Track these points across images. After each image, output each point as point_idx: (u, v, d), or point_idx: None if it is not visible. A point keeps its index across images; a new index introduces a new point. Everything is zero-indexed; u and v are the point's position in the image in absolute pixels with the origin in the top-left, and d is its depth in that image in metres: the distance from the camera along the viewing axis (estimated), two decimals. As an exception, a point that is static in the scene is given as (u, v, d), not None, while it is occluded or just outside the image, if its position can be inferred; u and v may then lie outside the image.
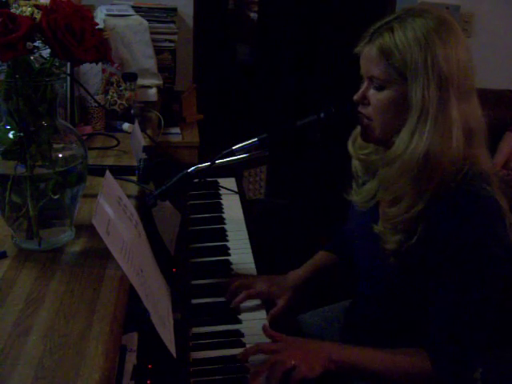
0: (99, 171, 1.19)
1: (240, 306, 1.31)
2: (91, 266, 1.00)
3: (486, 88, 2.83)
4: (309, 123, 1.19)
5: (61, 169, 1.02)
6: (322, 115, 1.18)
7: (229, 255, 1.50)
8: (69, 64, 1.37)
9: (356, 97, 1.15)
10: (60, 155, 1.04)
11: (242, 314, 1.29)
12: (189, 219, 1.66)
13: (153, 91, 2.26)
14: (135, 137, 1.46)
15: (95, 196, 0.90)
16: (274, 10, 4.10)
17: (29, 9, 0.94)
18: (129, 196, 1.11)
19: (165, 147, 2.38)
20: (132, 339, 0.96)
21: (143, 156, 1.40)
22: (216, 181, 1.87)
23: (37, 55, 0.98)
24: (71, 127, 1.08)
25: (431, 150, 1.05)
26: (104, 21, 2.17)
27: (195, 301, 1.32)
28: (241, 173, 3.06)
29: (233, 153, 1.22)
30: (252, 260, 1.49)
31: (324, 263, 1.45)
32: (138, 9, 2.47)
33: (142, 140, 1.55)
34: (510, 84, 3.02)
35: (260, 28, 4.32)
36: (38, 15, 0.93)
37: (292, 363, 1.07)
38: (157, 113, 2.22)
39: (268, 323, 1.26)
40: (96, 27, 0.99)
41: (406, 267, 1.14)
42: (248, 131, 1.39)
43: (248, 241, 1.57)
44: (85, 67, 1.83)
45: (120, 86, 1.92)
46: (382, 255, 1.16)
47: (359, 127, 1.20)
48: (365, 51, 1.12)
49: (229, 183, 1.87)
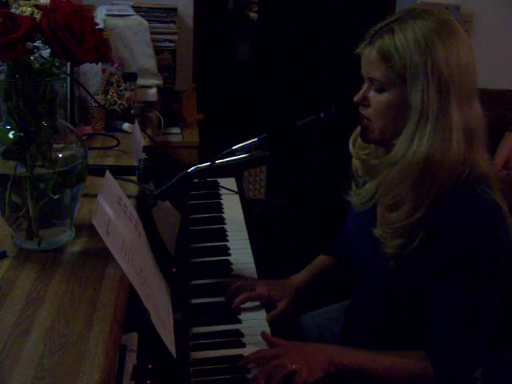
0: (99, 171, 1.19)
1: (240, 306, 1.31)
2: (91, 266, 1.00)
3: (486, 88, 2.83)
4: (309, 123, 1.19)
5: (61, 169, 1.02)
6: (322, 115, 1.18)
7: (229, 255, 1.50)
8: (69, 64, 1.37)
9: (356, 98, 1.15)
10: (60, 155, 1.04)
11: (242, 314, 1.29)
12: (189, 219, 1.66)
13: (153, 91, 2.26)
14: (135, 137, 1.46)
15: (95, 196, 0.90)
16: (274, 10, 4.09)
17: (29, 9, 0.94)
18: (129, 196, 1.11)
19: (165, 147, 2.38)
20: (132, 339, 0.96)
21: (143, 156, 1.40)
22: (216, 181, 1.87)
23: (37, 55, 0.98)
24: (71, 127, 1.08)
25: (431, 154, 1.04)
26: (104, 21, 2.17)
27: (195, 301, 1.32)
28: (241, 173, 3.06)
29: (233, 153, 1.22)
30: (252, 260, 1.49)
31: (324, 267, 1.46)
32: (138, 9, 2.47)
33: (142, 140, 1.55)
34: (510, 84, 3.02)
35: (260, 28, 4.32)
36: (38, 15, 0.93)
37: (292, 368, 1.07)
38: (157, 113, 2.22)
39: (268, 323, 1.26)
40: (96, 27, 0.99)
41: (406, 270, 1.13)
42: (248, 131, 1.39)
43: (248, 241, 1.57)
44: (85, 67, 1.83)
45: (120, 86, 1.93)
46: (381, 258, 1.15)
47: (359, 128, 1.20)
48: (365, 53, 1.11)
49: (229, 183, 1.87)
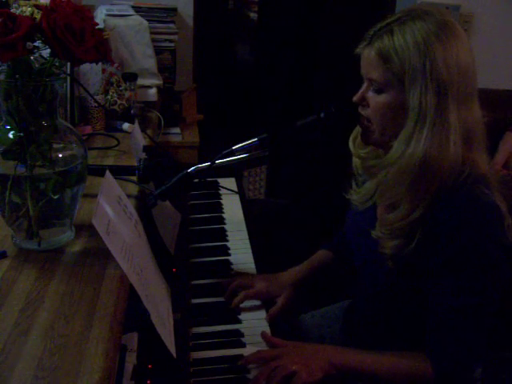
0: (99, 171, 1.19)
1: (240, 306, 1.31)
2: (91, 266, 1.00)
3: (486, 88, 2.83)
4: (309, 123, 1.19)
5: (61, 169, 1.02)
6: (322, 115, 1.18)
7: (229, 255, 1.50)
8: (69, 64, 1.37)
9: (355, 98, 1.15)
10: (60, 155, 1.04)
11: (242, 314, 1.28)
12: (189, 219, 1.66)
13: (153, 91, 2.26)
14: (135, 137, 1.46)
15: (95, 196, 0.90)
16: (274, 10, 4.09)
17: (29, 9, 0.94)
18: (129, 196, 1.11)
19: (165, 147, 2.38)
20: (132, 339, 0.96)
21: (143, 156, 1.40)
22: (216, 181, 1.87)
23: (37, 55, 0.98)
24: (71, 127, 1.08)
25: (428, 156, 1.04)
26: (104, 21, 2.18)
27: (195, 301, 1.32)
28: (241, 173, 3.06)
29: (233, 153, 1.22)
30: (252, 260, 1.49)
31: (322, 261, 1.45)
32: (138, 9, 2.47)
33: (142, 140, 1.55)
34: (510, 84, 3.02)
35: (260, 28, 4.32)
36: (38, 15, 0.93)
37: (292, 368, 1.07)
38: (157, 113, 2.22)
39: (267, 323, 1.26)
40: (96, 27, 0.99)
41: (404, 270, 1.13)
42: (248, 131, 1.39)
43: (248, 241, 1.57)
44: (85, 67, 1.83)
45: (120, 86, 1.93)
46: (380, 258, 1.15)
47: (359, 128, 1.20)
48: (364, 53, 1.11)
49: (229, 183, 1.87)
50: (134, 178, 1.35)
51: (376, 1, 3.24)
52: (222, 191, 1.84)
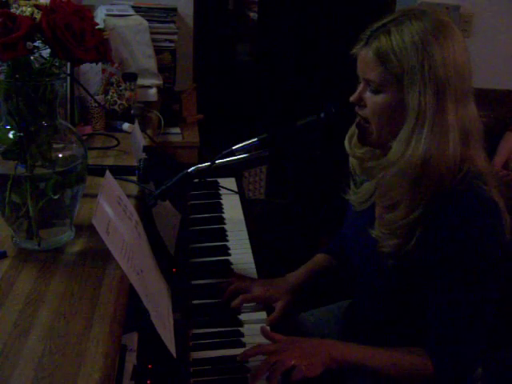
0: (99, 171, 1.19)
1: (239, 307, 1.31)
2: (91, 266, 1.00)
3: (486, 88, 2.83)
4: (309, 123, 1.19)
5: (61, 169, 1.02)
6: (322, 115, 1.18)
7: (229, 255, 1.50)
8: (69, 64, 1.37)
9: (352, 98, 1.15)
10: (60, 155, 1.04)
11: (242, 315, 1.28)
12: (189, 219, 1.66)
13: (153, 91, 2.26)
14: (135, 137, 1.46)
15: (95, 196, 0.90)
16: (274, 10, 4.09)
17: (29, 9, 0.94)
18: (129, 196, 1.11)
19: (165, 147, 2.38)
20: (132, 339, 0.96)
21: (143, 156, 1.40)
22: (216, 181, 1.87)
23: (37, 55, 0.98)
24: (71, 127, 1.08)
25: (429, 156, 1.04)
26: (104, 21, 2.18)
27: (195, 301, 1.32)
28: (241, 173, 3.06)
29: (233, 153, 1.22)
30: (252, 260, 1.49)
31: (321, 266, 1.44)
32: (138, 9, 2.47)
33: (142, 140, 1.55)
34: (510, 84, 3.02)
35: (260, 28, 4.32)
36: (38, 15, 0.93)
37: (292, 363, 1.06)
38: (157, 113, 2.22)
39: (268, 327, 1.26)
40: (96, 27, 0.99)
41: (404, 269, 1.13)
42: (248, 131, 1.39)
43: (248, 241, 1.57)
44: (85, 67, 1.83)
45: (120, 86, 1.93)
46: (379, 258, 1.15)
47: (354, 126, 1.20)
48: (361, 54, 1.11)
49: (229, 183, 1.87)
50: (134, 178, 1.35)
51: (376, 1, 3.24)
52: (222, 191, 1.83)
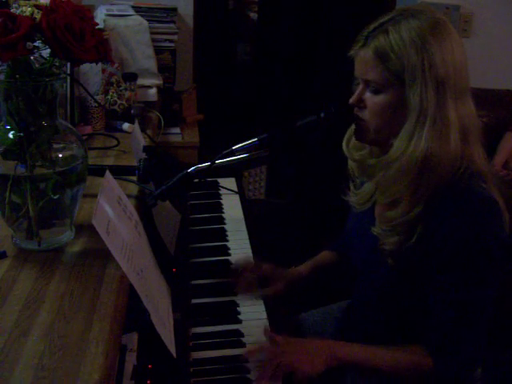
0: (99, 171, 1.19)
1: (240, 306, 1.31)
2: (91, 266, 1.00)
3: (486, 88, 2.83)
4: (309, 123, 1.19)
5: (61, 169, 1.02)
6: (322, 115, 1.18)
7: (229, 255, 1.50)
8: (69, 64, 1.37)
9: (352, 100, 1.15)
10: (60, 155, 1.04)
11: (242, 314, 1.28)
12: (189, 219, 1.66)
13: (153, 91, 2.26)
14: (135, 137, 1.46)
15: (95, 196, 0.90)
16: (274, 10, 4.09)
17: (29, 9, 0.94)
18: (129, 196, 1.11)
19: (165, 147, 2.38)
20: (132, 339, 0.96)
21: (143, 156, 1.40)
22: (216, 181, 1.87)
23: (37, 55, 0.98)
24: (71, 127, 1.08)
25: (430, 153, 1.05)
26: (104, 21, 2.18)
27: (195, 301, 1.32)
28: (241, 173, 3.06)
29: (233, 153, 1.22)
30: (252, 260, 1.49)
31: (326, 262, 1.47)
32: (138, 9, 2.47)
33: (142, 140, 1.55)
34: (510, 84, 3.02)
35: (260, 28, 4.32)
36: (38, 15, 0.93)
37: (295, 365, 1.08)
38: (157, 113, 2.22)
39: (267, 322, 1.26)
40: (96, 27, 0.99)
41: (405, 267, 1.14)
42: (248, 131, 1.39)
43: (248, 241, 1.57)
44: (85, 67, 1.83)
45: (120, 86, 1.93)
46: (380, 256, 1.16)
47: (353, 127, 1.20)
48: (360, 54, 1.11)
49: (229, 183, 1.87)
50: (134, 178, 1.35)
51: (376, 1, 3.24)
52: (222, 191, 1.83)
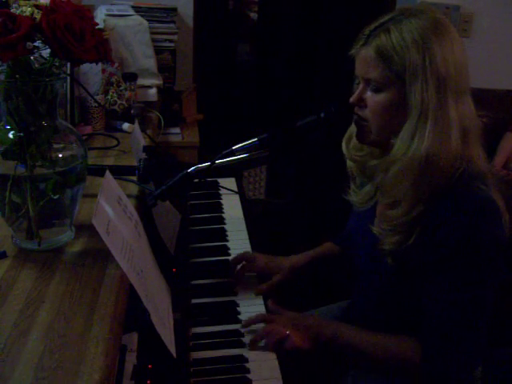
0: (99, 171, 1.19)
1: (240, 306, 1.31)
2: (91, 266, 1.00)
3: (486, 88, 2.83)
4: (309, 123, 1.19)
5: (61, 169, 1.02)
6: (322, 115, 1.18)
7: (229, 255, 1.50)
8: (69, 64, 1.37)
9: (352, 99, 1.15)
10: (60, 155, 1.04)
11: (242, 314, 1.28)
12: (189, 219, 1.66)
13: (153, 91, 2.26)
14: (135, 137, 1.46)
15: (95, 196, 0.90)
16: (274, 10, 4.09)
17: (29, 9, 0.94)
18: (129, 196, 1.11)
19: (165, 147, 2.38)
20: (132, 339, 0.96)
21: (143, 156, 1.40)
22: (216, 181, 1.87)
23: (37, 55, 0.98)
24: (71, 127, 1.08)
25: (432, 152, 1.05)
26: (104, 21, 2.17)
27: (195, 301, 1.32)
28: (241, 173, 3.06)
29: (233, 153, 1.22)
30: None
31: (327, 253, 1.48)
32: (138, 9, 2.47)
33: (142, 140, 1.55)
34: (510, 84, 3.02)
35: (260, 28, 4.32)
36: (38, 15, 0.93)
37: (286, 333, 1.16)
38: (157, 113, 2.22)
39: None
40: (96, 27, 0.99)
41: (404, 267, 1.14)
42: (248, 131, 1.39)
43: (248, 241, 1.57)
44: (85, 67, 1.83)
45: (120, 86, 1.93)
46: (380, 255, 1.16)
47: (353, 127, 1.20)
48: (361, 53, 1.11)
49: (229, 183, 1.87)
50: (134, 178, 1.35)
51: (376, 1, 3.24)
52: (222, 191, 1.84)
